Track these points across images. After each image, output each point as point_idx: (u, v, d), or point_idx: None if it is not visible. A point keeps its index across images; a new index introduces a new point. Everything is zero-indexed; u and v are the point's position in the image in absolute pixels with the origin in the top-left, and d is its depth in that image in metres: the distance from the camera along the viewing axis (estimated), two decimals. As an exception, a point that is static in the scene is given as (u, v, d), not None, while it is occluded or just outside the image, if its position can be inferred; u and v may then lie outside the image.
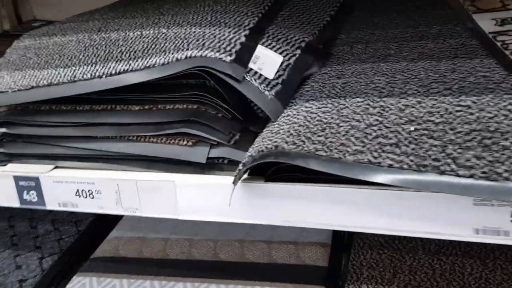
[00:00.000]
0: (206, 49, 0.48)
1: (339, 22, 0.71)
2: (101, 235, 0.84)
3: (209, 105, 0.51)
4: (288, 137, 0.43)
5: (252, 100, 0.48)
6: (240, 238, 0.76)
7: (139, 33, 0.55)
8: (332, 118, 0.45)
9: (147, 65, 0.49)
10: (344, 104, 0.46)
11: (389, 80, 0.49)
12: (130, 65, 0.50)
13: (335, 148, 0.41)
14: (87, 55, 0.54)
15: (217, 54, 0.48)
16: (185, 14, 0.58)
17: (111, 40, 0.55)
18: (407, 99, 0.45)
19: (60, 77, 0.53)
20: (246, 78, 0.48)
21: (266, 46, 0.53)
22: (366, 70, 0.53)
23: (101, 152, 0.55)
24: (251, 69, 0.49)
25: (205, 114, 0.51)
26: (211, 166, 0.51)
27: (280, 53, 0.53)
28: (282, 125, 0.46)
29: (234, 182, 0.45)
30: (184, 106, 0.52)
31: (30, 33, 0.63)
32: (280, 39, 0.55)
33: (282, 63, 0.52)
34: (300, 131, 0.43)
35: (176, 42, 0.51)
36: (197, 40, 0.50)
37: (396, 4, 0.79)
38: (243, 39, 0.51)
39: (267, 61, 0.51)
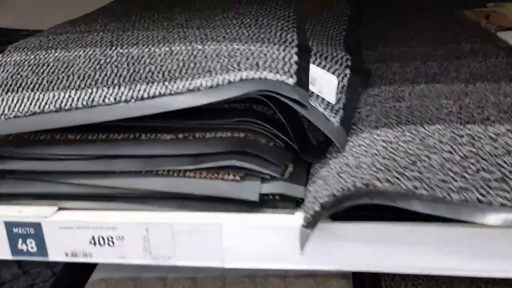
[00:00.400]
0: (263, 70, 0.42)
1: (354, 36, 0.67)
2: (82, 276, 0.73)
3: (259, 133, 0.45)
4: (377, 172, 0.38)
5: (319, 128, 0.42)
6: (250, 273, 0.69)
7: (167, 49, 0.47)
8: (418, 149, 0.40)
9: (190, 87, 0.42)
10: (425, 132, 0.41)
11: (460, 104, 0.45)
12: (166, 87, 0.42)
13: (436, 186, 0.36)
14: (106, 75, 0.45)
15: (278, 75, 0.41)
16: (215, 28, 0.51)
17: (133, 57, 0.47)
18: (494, 126, 0.41)
19: (73, 101, 0.44)
20: (311, 103, 0.42)
21: (318, 66, 0.47)
22: (423, 92, 0.49)
23: (120, 191, 0.46)
24: (313, 92, 0.43)
25: (255, 144, 0.44)
26: (261, 203, 0.44)
27: (333, 73, 0.47)
28: (360, 158, 0.40)
29: (309, 226, 0.38)
30: (229, 134, 0.45)
31: (17, 46, 0.52)
32: (327, 57, 0.50)
33: (337, 84, 0.46)
34: (388, 165, 0.38)
35: (221, 60, 0.44)
36: (247, 59, 0.43)
37: (402, 18, 0.76)
38: (295, 57, 0.44)
39: (324, 83, 0.45)
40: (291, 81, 0.41)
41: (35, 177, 0.48)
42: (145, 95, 0.43)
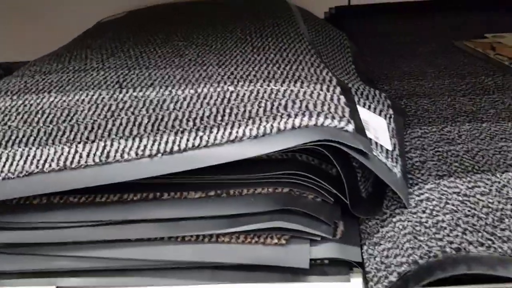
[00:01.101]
0: (317, 115, 0.36)
1: (365, 70, 0.63)
2: None
3: (305, 186, 0.38)
4: (464, 233, 0.32)
5: (385, 180, 0.37)
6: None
7: (192, 91, 0.40)
8: (498, 202, 0.35)
9: (231, 138, 0.35)
10: (499, 181, 0.37)
11: (521, 147, 0.41)
12: (201, 138, 0.36)
13: (536, 247, 0.31)
14: (122, 124, 0.38)
15: (335, 121, 0.35)
16: (238, 65, 0.45)
17: (152, 102, 0.40)
18: None
19: (81, 157, 0.36)
20: (374, 152, 0.36)
21: (363, 107, 0.42)
22: (473, 132, 0.44)
23: (136, 262, 0.38)
24: (370, 139, 0.38)
25: (301, 200, 0.38)
26: (308, 270, 0.38)
27: (379, 114, 0.42)
28: (436, 215, 0.35)
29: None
30: (270, 190, 0.38)
31: (-5, 89, 0.44)
32: (368, 95, 0.45)
33: (388, 127, 0.41)
34: (474, 225, 0.33)
35: (262, 104, 0.38)
36: (293, 102, 0.38)
37: (405, 50, 0.74)
38: (343, 98, 0.39)
39: (376, 126, 0.40)
40: (351, 127, 0.36)
41: (27, 250, 0.39)
42: (175, 148, 0.36)
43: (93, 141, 0.37)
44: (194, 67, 0.45)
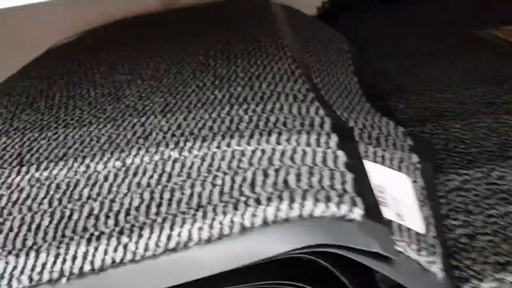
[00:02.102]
0: (302, 199, 0.23)
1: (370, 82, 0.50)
2: None
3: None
4: None
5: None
6: None
7: (118, 163, 0.28)
8: None
9: (169, 244, 0.23)
10: None
11: None
12: (124, 247, 0.23)
13: None
14: (11, 230, 0.25)
15: (331, 207, 0.23)
16: (191, 110, 0.33)
17: (58, 186, 0.28)
18: None
19: (64, 263, 0.24)
20: (399, 248, 0.23)
21: (374, 160, 0.29)
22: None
23: None
24: (390, 221, 0.25)
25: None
26: None
27: (398, 168, 0.29)
28: None
29: None
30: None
31: None
32: (379, 136, 0.32)
33: (414, 189, 0.28)
34: None
35: (219, 181, 0.25)
36: (264, 176, 0.25)
37: (420, 48, 0.60)
38: (342, 157, 0.26)
39: (396, 192, 0.27)
40: (358, 213, 0.23)
41: None
42: (86, 267, 0.23)
43: (77, 241, 0.25)
44: (130, 118, 0.33)
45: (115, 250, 0.24)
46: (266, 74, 0.37)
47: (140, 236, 0.24)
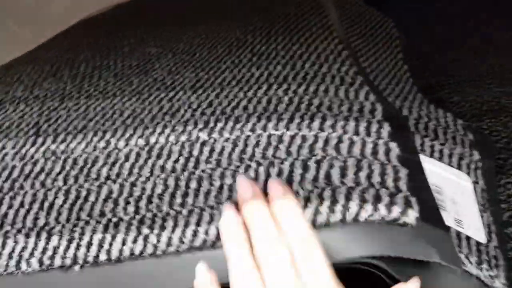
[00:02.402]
0: (346, 199, 0.20)
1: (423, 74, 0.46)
2: None
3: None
4: None
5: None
6: None
7: (141, 141, 0.25)
8: None
9: (195, 241, 0.20)
10: None
11: None
12: (145, 239, 0.21)
13: None
14: (22, 206, 0.23)
15: (380, 209, 0.20)
16: (224, 88, 0.30)
17: (75, 161, 0.25)
18: None
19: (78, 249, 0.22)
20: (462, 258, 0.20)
21: (431, 155, 0.25)
22: None
23: None
24: (448, 228, 0.22)
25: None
26: None
27: (458, 166, 0.26)
28: None
29: None
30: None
31: None
32: (436, 128, 0.28)
33: (474, 191, 0.25)
34: None
35: (252, 169, 0.22)
36: (304, 168, 0.22)
37: (471, 35, 0.56)
38: (395, 149, 0.23)
39: (455, 193, 0.24)
40: (412, 216, 0.19)
41: None
42: (102, 256, 0.21)
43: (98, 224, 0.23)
44: (157, 93, 0.30)
45: (135, 241, 0.21)
46: (310, 54, 0.34)
47: (162, 228, 0.21)
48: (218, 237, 0.21)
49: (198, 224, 0.21)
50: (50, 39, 0.53)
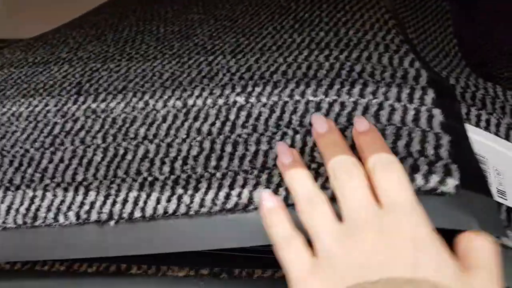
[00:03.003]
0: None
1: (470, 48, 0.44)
2: None
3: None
4: None
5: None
6: None
7: (179, 103, 0.26)
8: None
9: (227, 204, 0.21)
10: None
11: None
12: (178, 198, 0.22)
13: None
14: (61, 162, 0.24)
15: (418, 177, 0.19)
16: (264, 53, 0.30)
17: (114, 120, 0.26)
18: None
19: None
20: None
21: (477, 123, 0.25)
22: None
23: None
24: (495, 203, 0.21)
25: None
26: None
27: (506, 136, 0.25)
28: None
29: None
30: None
31: None
32: (484, 98, 0.27)
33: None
34: None
35: (289, 136, 0.22)
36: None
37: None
38: (438, 115, 0.22)
39: (502, 164, 0.23)
40: (452, 184, 0.19)
41: None
42: (136, 213, 0.22)
43: (17, 188, 0.23)
44: (197, 56, 0.30)
45: (168, 200, 0.22)
46: (355, 21, 0.33)
47: (196, 189, 0.22)
48: (250, 200, 0.21)
49: (231, 187, 0.22)
50: (97, 7, 0.54)
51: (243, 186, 0.22)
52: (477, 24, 0.51)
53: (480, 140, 0.24)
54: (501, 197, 0.21)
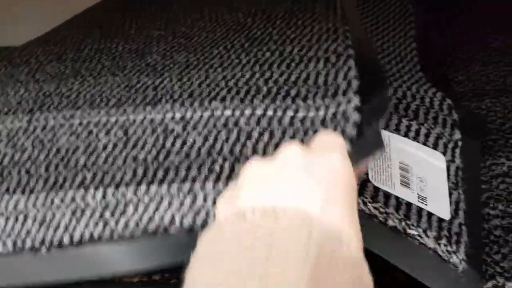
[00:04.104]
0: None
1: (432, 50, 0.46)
2: None
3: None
4: None
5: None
6: None
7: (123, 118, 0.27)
8: None
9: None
10: None
11: None
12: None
13: None
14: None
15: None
16: (209, 75, 0.31)
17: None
18: None
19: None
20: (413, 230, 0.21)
21: (406, 133, 0.26)
22: None
23: None
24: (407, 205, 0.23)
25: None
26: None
27: (434, 145, 0.26)
28: None
29: None
30: None
31: None
32: (418, 108, 0.29)
33: (448, 172, 0.25)
34: None
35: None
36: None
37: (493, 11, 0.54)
38: (356, 115, 0.24)
39: (424, 171, 0.24)
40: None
41: None
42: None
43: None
44: (146, 79, 0.32)
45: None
46: (303, 36, 0.35)
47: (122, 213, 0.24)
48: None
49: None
50: (70, 19, 0.55)
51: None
52: (441, 27, 0.53)
53: (406, 149, 0.25)
54: (421, 203, 0.23)
